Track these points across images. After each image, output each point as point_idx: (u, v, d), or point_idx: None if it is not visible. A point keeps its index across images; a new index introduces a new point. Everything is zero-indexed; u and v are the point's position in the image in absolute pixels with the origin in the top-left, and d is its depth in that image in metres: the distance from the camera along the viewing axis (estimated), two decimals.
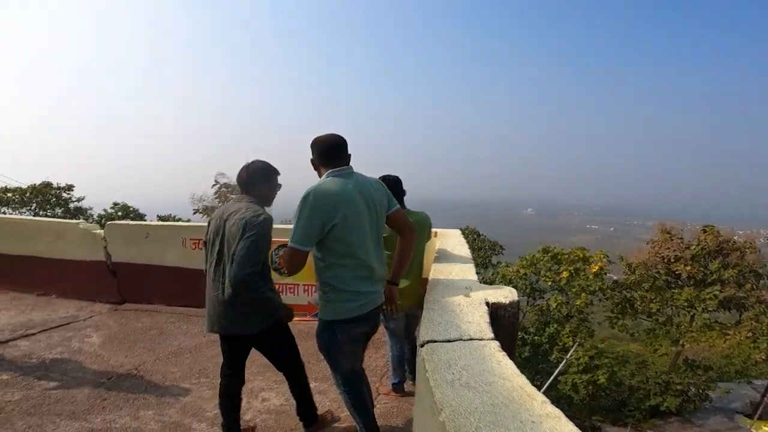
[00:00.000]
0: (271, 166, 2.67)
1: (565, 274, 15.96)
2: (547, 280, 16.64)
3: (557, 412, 1.21)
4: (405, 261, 2.46)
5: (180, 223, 6.34)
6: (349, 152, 2.36)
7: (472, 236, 21.60)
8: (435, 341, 1.69)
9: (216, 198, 18.23)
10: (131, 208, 24.88)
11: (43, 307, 5.45)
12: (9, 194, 22.63)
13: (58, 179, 23.89)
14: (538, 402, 1.26)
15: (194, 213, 18.54)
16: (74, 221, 6.07)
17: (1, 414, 3.08)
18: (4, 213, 22.68)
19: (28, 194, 22.59)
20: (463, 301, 2.21)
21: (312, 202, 2.14)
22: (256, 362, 2.84)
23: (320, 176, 2.35)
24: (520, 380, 1.38)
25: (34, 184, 22.90)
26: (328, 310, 2.28)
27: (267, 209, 2.62)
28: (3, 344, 4.25)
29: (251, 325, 2.56)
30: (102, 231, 5.77)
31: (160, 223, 5.99)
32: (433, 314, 2.03)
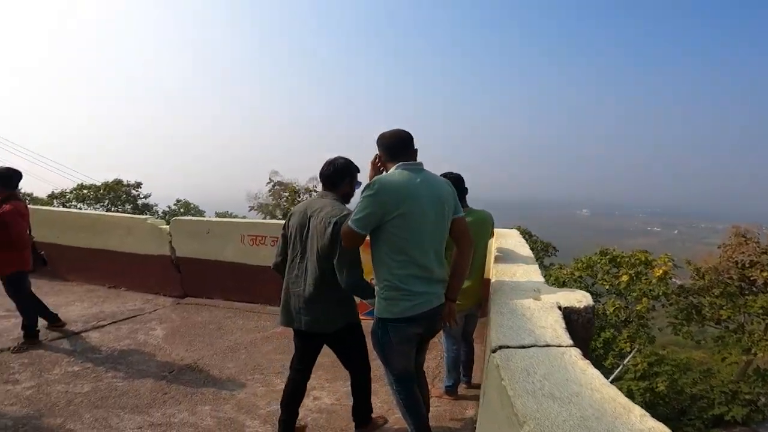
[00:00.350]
0: (353, 164, 2.66)
1: (624, 278, 15.10)
2: (605, 283, 15.82)
3: (661, 426, 1.06)
4: (461, 274, 2.34)
5: (238, 220, 6.50)
6: (415, 147, 2.30)
7: (523, 237, 20.72)
8: (508, 347, 1.57)
9: (270, 195, 18.83)
10: (192, 205, 26.03)
11: (113, 299, 5.75)
12: (85, 191, 24.28)
13: (128, 177, 25.40)
14: (637, 415, 1.12)
15: (249, 210, 19.22)
16: (143, 217, 6.37)
17: (70, 406, 3.22)
18: (80, 208, 24.39)
19: (101, 191, 24.12)
20: (533, 304, 2.07)
21: (376, 190, 2.10)
22: None
23: (386, 172, 2.31)
24: (611, 391, 1.23)
25: (107, 182, 24.43)
26: (381, 307, 2.23)
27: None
28: (76, 335, 4.49)
29: (333, 323, 2.55)
30: (167, 226, 6.02)
31: (220, 219, 6.18)
32: (502, 318, 1.89)
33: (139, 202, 24.92)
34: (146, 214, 25.05)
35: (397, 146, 2.27)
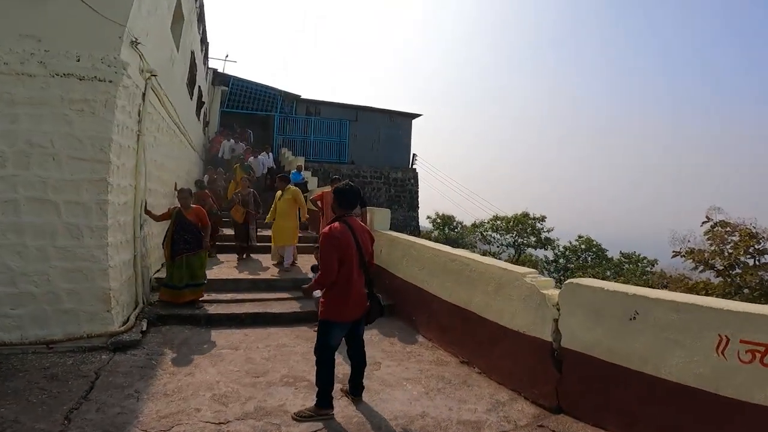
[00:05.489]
0: None
1: None
2: None
3: None
4: None
5: (716, 304, 2.86)
6: None
7: None
8: None
9: (708, 240, 12.41)
10: (594, 243, 22.83)
11: (455, 388, 3.76)
12: (498, 222, 25.54)
13: (534, 209, 25.09)
14: None
15: (673, 256, 13.55)
16: (522, 270, 4.07)
17: None
18: (494, 238, 25.74)
19: (511, 223, 24.73)
20: None
21: None
22: None
23: None
24: None
25: (516, 214, 24.87)
26: None
27: None
28: None
29: None
30: (556, 292, 3.58)
31: (671, 296, 2.97)
32: None
33: (542, 235, 23.97)
34: (546, 248, 23.71)
35: None
